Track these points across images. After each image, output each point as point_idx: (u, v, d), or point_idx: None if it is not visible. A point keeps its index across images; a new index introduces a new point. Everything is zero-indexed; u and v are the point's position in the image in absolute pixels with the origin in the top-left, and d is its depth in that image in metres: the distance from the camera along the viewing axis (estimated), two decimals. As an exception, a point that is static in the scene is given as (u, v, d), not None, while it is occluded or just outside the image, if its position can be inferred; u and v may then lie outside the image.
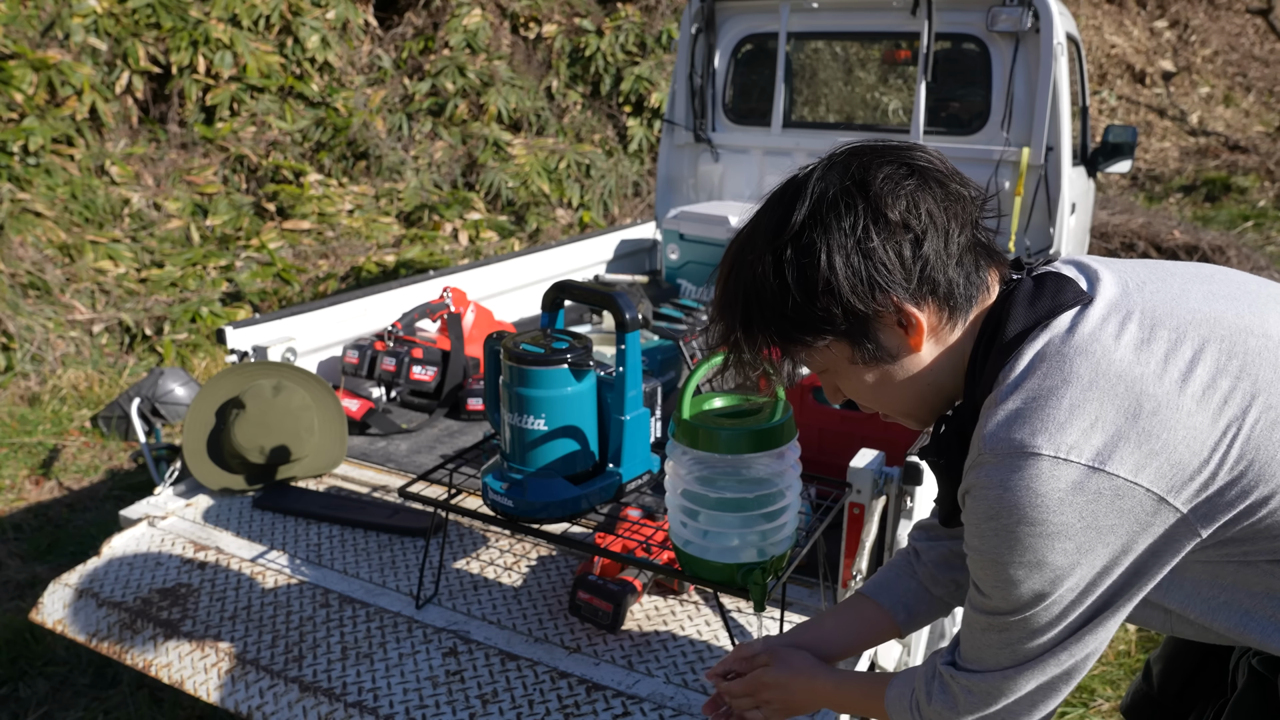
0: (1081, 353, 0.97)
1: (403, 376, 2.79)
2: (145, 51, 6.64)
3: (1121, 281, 1.05)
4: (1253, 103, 10.35)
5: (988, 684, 1.09)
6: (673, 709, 1.55)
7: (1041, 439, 0.94)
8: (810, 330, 1.06)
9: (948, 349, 1.09)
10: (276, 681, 1.66)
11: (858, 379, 1.12)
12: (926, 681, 1.17)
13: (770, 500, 1.44)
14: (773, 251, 1.05)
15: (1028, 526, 0.95)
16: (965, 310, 1.07)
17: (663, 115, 5.02)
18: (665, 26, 8.37)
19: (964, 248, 1.05)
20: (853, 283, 1.02)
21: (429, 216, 7.07)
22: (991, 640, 1.07)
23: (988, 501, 0.97)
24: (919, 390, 1.11)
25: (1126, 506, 0.94)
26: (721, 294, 1.13)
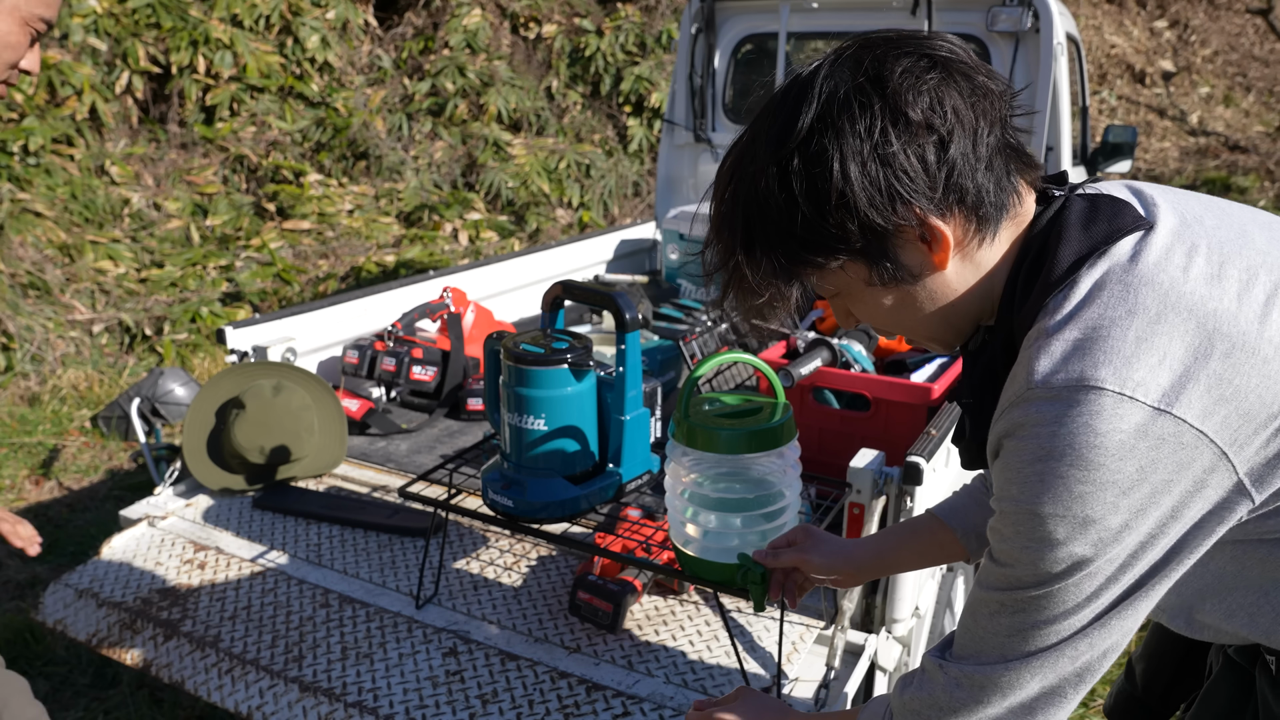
0: (1147, 283, 0.87)
1: (403, 376, 2.79)
2: (145, 51, 6.64)
3: (1179, 211, 0.94)
4: (1253, 103, 10.35)
5: (983, 676, 0.94)
6: (673, 709, 1.54)
7: (1105, 372, 0.83)
8: (822, 250, 0.94)
9: (976, 267, 0.97)
10: (276, 681, 1.66)
11: (874, 303, 0.99)
12: (901, 685, 1.05)
13: (770, 500, 1.44)
14: (777, 162, 0.92)
15: (1081, 472, 0.82)
16: (995, 222, 0.95)
17: (663, 115, 5.02)
18: (665, 26, 8.37)
19: (994, 149, 0.92)
20: (870, 194, 0.90)
21: (429, 216, 7.07)
22: (1000, 626, 0.93)
23: (1037, 441, 0.85)
24: (943, 313, 0.99)
25: (1185, 459, 0.83)
26: (719, 211, 1.01)
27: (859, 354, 2.39)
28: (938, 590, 1.98)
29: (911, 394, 2.19)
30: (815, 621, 1.78)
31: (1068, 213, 0.94)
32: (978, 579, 0.97)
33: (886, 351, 2.60)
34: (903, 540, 1.37)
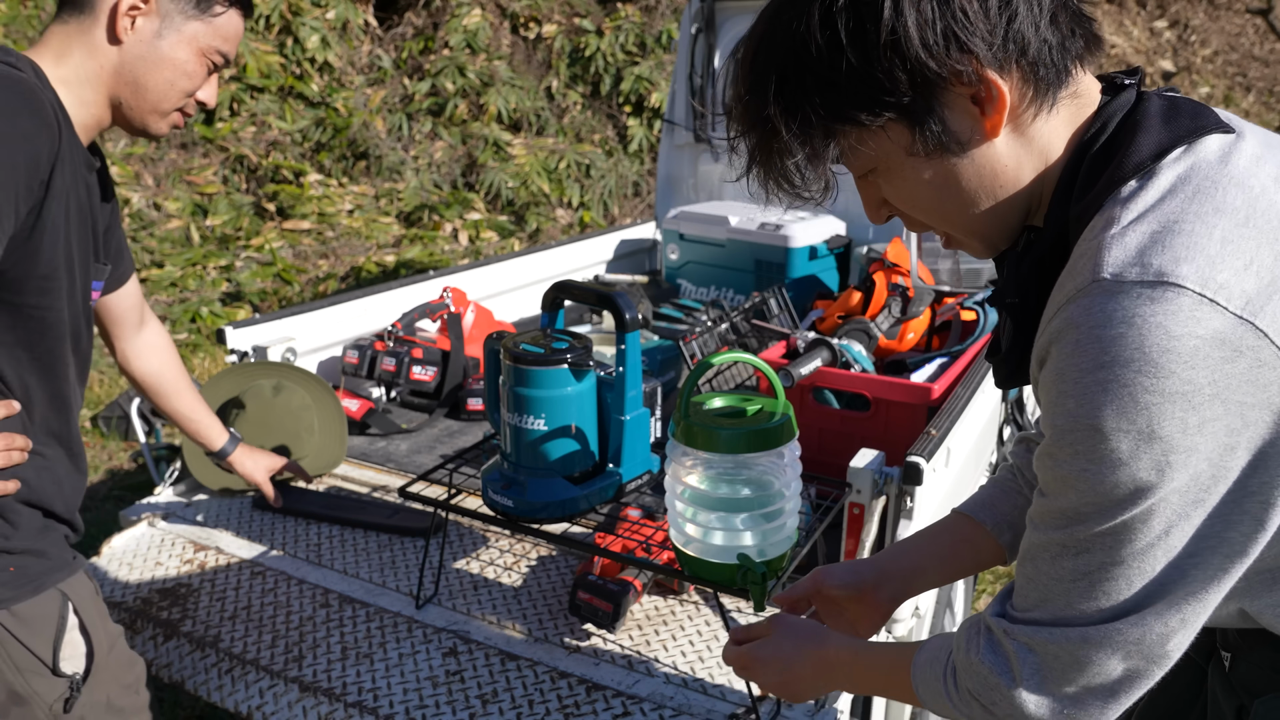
0: (1237, 184, 0.80)
1: (403, 376, 2.79)
2: (145, 51, 6.64)
3: (1260, 132, 0.88)
4: (1253, 103, 10.35)
5: (1058, 645, 0.83)
6: (673, 709, 1.54)
7: (1187, 269, 0.74)
8: (865, 103, 0.83)
9: (1030, 144, 0.87)
10: (276, 681, 1.66)
11: (914, 179, 0.88)
12: (968, 639, 0.93)
13: (770, 500, 1.44)
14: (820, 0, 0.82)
15: (1149, 379, 0.73)
16: (1055, 90, 0.85)
17: (663, 115, 5.02)
18: (665, 26, 8.37)
19: (1058, 4, 0.83)
20: (924, 35, 0.80)
21: (429, 216, 7.07)
22: (1063, 571, 0.83)
23: (1100, 345, 0.75)
24: (990, 197, 0.89)
25: (1263, 380, 0.75)
26: (750, 63, 0.89)
27: (859, 354, 2.39)
28: (937, 590, 1.98)
29: (911, 394, 2.19)
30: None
31: (1146, 104, 0.86)
32: (1031, 522, 0.87)
33: (886, 351, 2.60)
34: (928, 544, 1.25)
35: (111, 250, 1.49)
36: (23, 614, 1.25)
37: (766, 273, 3.60)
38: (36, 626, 1.26)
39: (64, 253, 1.24)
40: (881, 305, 2.70)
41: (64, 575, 1.32)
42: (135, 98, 1.31)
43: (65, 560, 1.33)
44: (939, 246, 3.10)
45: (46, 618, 1.27)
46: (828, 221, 3.72)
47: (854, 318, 2.65)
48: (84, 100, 1.29)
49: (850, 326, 2.57)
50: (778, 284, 3.21)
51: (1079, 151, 0.87)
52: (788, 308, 3.08)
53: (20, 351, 1.24)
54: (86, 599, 1.34)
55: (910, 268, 2.77)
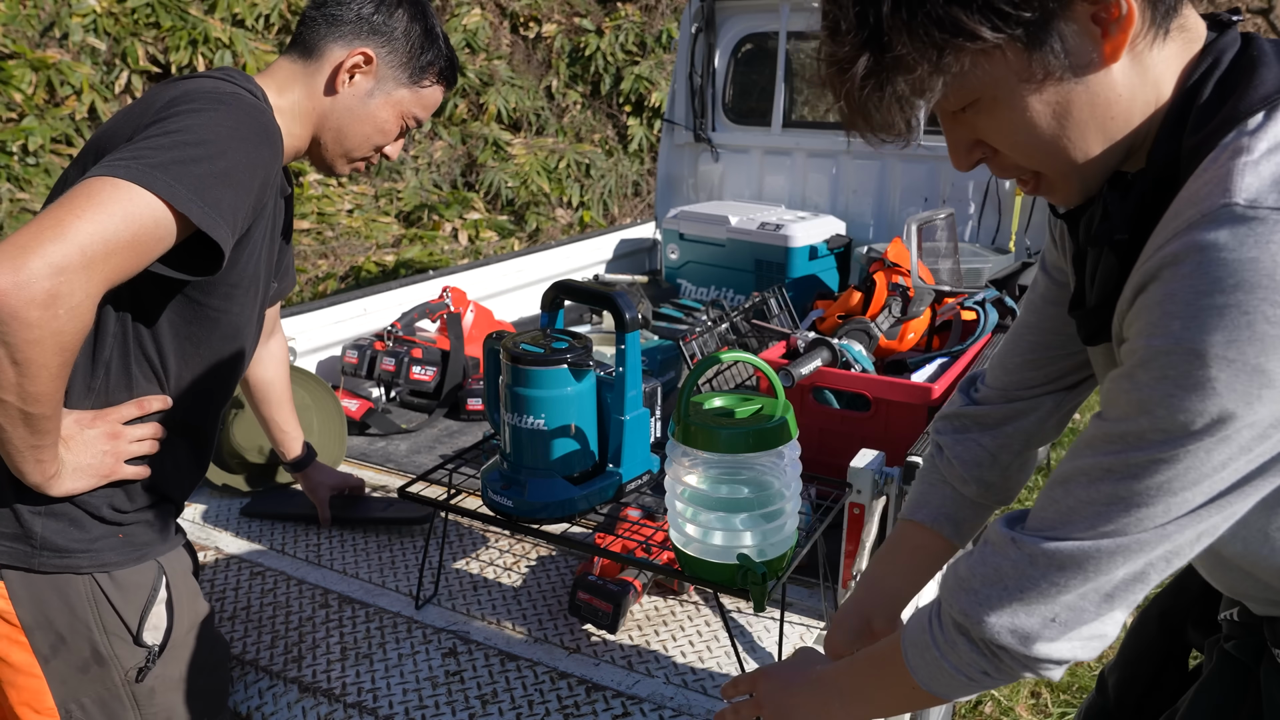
0: None
1: (402, 376, 2.79)
2: (144, 51, 6.64)
3: None
4: (1253, 102, 10.35)
5: (1064, 554, 0.82)
6: (673, 709, 1.54)
7: None
8: (990, 16, 0.78)
9: (1144, 73, 0.83)
10: (276, 682, 1.65)
11: (1021, 109, 0.83)
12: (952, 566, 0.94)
13: (770, 500, 1.44)
14: None
15: (1273, 308, 0.70)
16: (1170, 18, 0.83)
17: (663, 115, 5.02)
18: (665, 26, 8.37)
19: None
20: None
21: (429, 216, 7.07)
22: (1100, 494, 0.81)
23: (1225, 267, 0.72)
24: (1100, 130, 0.84)
25: None
26: None
27: (859, 354, 2.39)
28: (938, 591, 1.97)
29: (911, 394, 2.18)
30: (815, 621, 1.78)
31: (1257, 42, 0.84)
32: (1076, 449, 0.84)
33: (887, 351, 2.60)
34: (889, 564, 1.30)
35: (282, 268, 1.61)
36: (121, 580, 1.31)
37: (766, 273, 3.60)
38: (130, 593, 1.32)
39: (254, 266, 1.33)
40: (882, 305, 2.70)
41: (166, 548, 1.38)
42: (334, 142, 1.44)
43: (170, 534, 1.40)
44: (939, 246, 3.10)
45: (140, 586, 1.33)
46: (828, 221, 3.72)
47: (854, 318, 2.65)
48: (292, 133, 1.40)
49: (850, 326, 2.57)
50: (778, 284, 3.21)
51: (1192, 87, 0.83)
52: (788, 308, 3.07)
53: (189, 346, 1.32)
54: (180, 575, 1.40)
55: (910, 268, 2.77)
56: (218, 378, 1.39)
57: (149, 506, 1.35)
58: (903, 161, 3.82)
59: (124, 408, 1.28)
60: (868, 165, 3.91)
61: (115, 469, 1.27)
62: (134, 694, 1.34)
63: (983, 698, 2.64)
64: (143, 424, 1.30)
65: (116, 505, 1.30)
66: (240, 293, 1.32)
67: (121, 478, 1.29)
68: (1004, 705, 2.61)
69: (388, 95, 1.45)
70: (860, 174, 3.92)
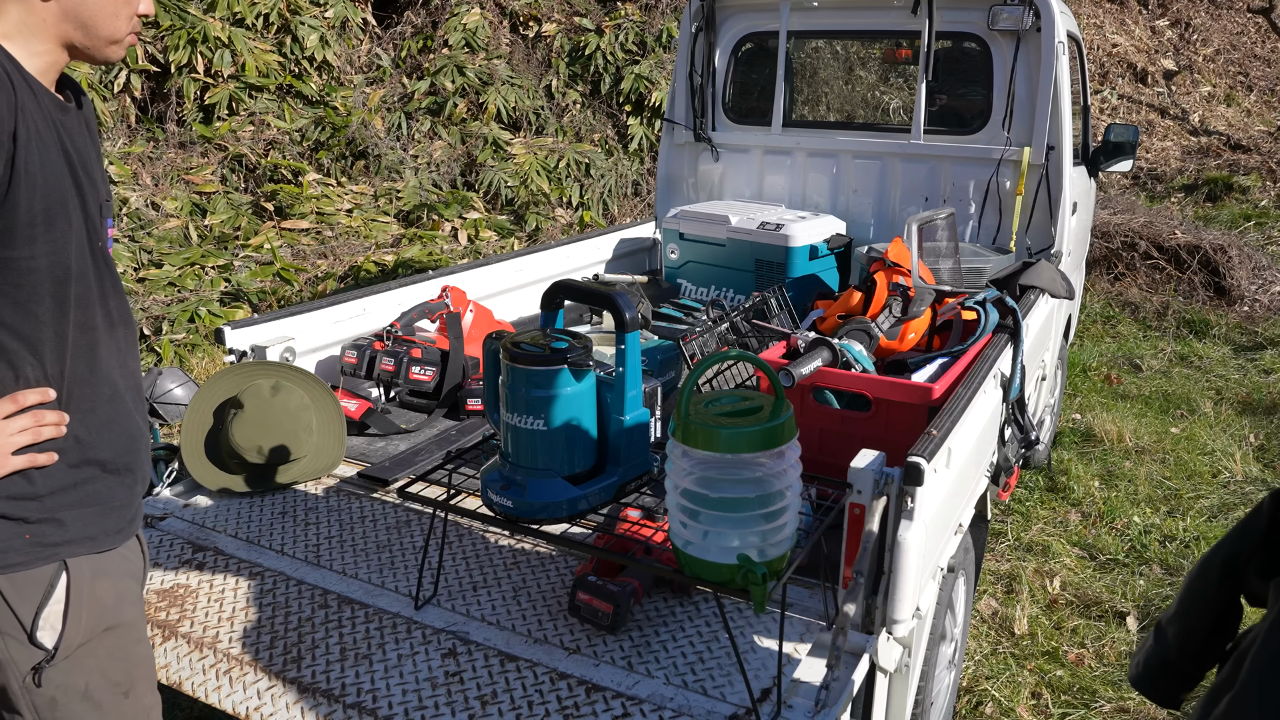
0: None
1: (402, 376, 2.78)
2: (143, 50, 6.63)
3: None
4: (1254, 102, 10.34)
5: None
6: (673, 710, 1.54)
7: None
8: None
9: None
10: (275, 682, 1.65)
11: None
12: None
13: (770, 500, 1.43)
14: None
15: None
16: None
17: (663, 114, 5.01)
18: (665, 25, 8.36)
19: None
20: None
21: (428, 216, 7.07)
22: None
23: None
24: None
25: None
26: None
27: (859, 354, 2.38)
28: (938, 591, 1.97)
29: (911, 394, 2.18)
30: (816, 622, 1.77)
31: None
32: None
33: (887, 351, 2.59)
34: None
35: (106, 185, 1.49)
36: (17, 580, 1.26)
37: (766, 273, 3.60)
38: (24, 589, 1.27)
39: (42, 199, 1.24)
40: (882, 305, 2.69)
41: (78, 549, 1.31)
42: (87, 37, 1.32)
43: (88, 534, 1.32)
44: (940, 246, 3.10)
45: (36, 583, 1.28)
46: (828, 221, 3.71)
47: (854, 318, 2.64)
48: (33, 51, 1.29)
49: (850, 326, 2.56)
50: (778, 284, 3.20)
51: None
52: (788, 308, 3.07)
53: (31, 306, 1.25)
54: (86, 578, 1.32)
55: (911, 268, 2.77)
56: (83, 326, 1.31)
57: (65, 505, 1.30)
58: (903, 161, 3.81)
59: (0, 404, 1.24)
60: (868, 165, 3.90)
61: (2, 462, 1.23)
62: (34, 704, 1.30)
63: (983, 698, 2.64)
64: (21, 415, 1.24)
65: (18, 504, 1.26)
66: (41, 229, 1.23)
67: (13, 469, 1.24)
68: (1004, 705, 2.61)
69: None
70: (860, 174, 3.92)
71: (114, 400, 1.36)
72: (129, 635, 1.39)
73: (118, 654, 1.37)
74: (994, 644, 2.88)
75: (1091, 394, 5.00)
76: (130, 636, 1.40)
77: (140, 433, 1.42)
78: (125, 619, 1.38)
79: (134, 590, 1.41)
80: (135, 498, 1.41)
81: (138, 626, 1.42)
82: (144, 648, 1.44)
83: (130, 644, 1.40)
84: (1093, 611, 3.05)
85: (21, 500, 1.26)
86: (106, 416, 1.35)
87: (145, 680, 1.44)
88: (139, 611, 1.42)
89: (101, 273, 1.34)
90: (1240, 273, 6.41)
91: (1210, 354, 5.62)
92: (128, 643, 1.39)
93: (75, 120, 1.34)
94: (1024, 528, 3.55)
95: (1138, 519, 3.61)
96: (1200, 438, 4.36)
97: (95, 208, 1.34)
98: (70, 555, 1.30)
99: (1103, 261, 6.77)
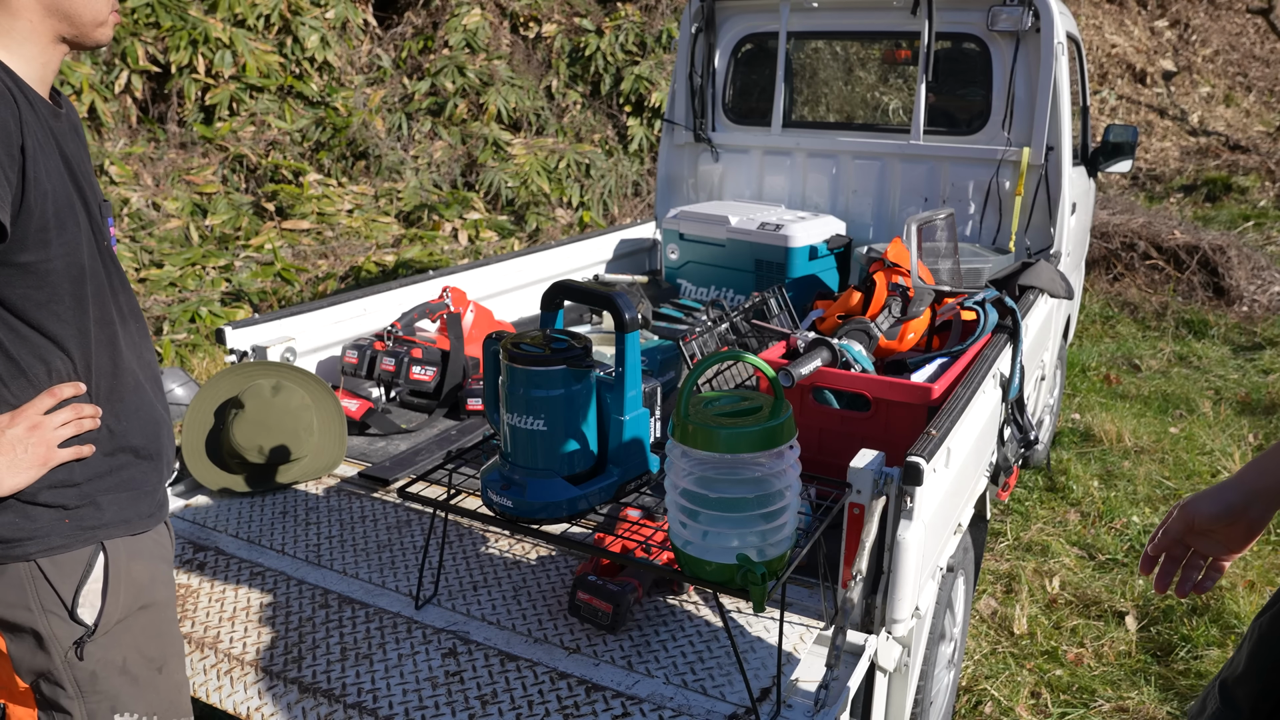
0: None
1: (402, 376, 2.79)
2: (144, 51, 6.64)
3: None
4: (1253, 102, 10.34)
5: None
6: (673, 709, 1.54)
7: None
8: None
9: None
10: (276, 682, 1.65)
11: None
12: None
13: (770, 500, 1.44)
14: None
15: None
16: None
17: (663, 115, 5.02)
18: (665, 26, 8.37)
19: None
20: None
21: (429, 216, 7.07)
22: None
23: None
24: None
25: None
26: None
27: (859, 354, 2.38)
28: (938, 590, 1.97)
29: (911, 394, 2.18)
30: (815, 621, 1.78)
31: None
32: None
33: (886, 351, 2.60)
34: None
35: None
36: (59, 561, 1.32)
37: (766, 273, 3.60)
38: (65, 569, 1.33)
39: (52, 202, 1.28)
40: (881, 305, 2.70)
41: (122, 531, 1.38)
42: (73, 26, 1.35)
43: (123, 517, 1.38)
44: (939, 246, 3.10)
45: (76, 562, 1.34)
46: (828, 221, 3.72)
47: (854, 318, 2.64)
48: (26, 56, 1.32)
49: (850, 326, 2.56)
50: (778, 284, 3.21)
51: None
52: (788, 308, 3.07)
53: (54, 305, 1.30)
54: (122, 559, 1.38)
55: (910, 268, 2.77)
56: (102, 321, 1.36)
57: (102, 490, 1.36)
58: (903, 161, 3.82)
59: (37, 401, 1.29)
60: (868, 165, 3.91)
61: (50, 455, 1.29)
62: (76, 678, 1.35)
63: (982, 697, 2.64)
64: (63, 409, 1.31)
65: (59, 491, 1.32)
66: (54, 233, 1.28)
67: (61, 461, 1.31)
68: (1004, 705, 2.61)
69: None
70: (860, 174, 3.92)
71: (137, 389, 1.42)
72: (162, 614, 1.45)
73: (152, 631, 1.43)
74: (993, 643, 2.89)
75: (1090, 394, 5.01)
76: (163, 615, 1.46)
77: (162, 419, 1.47)
78: (159, 598, 1.44)
79: (165, 572, 1.46)
80: (163, 482, 1.48)
81: (170, 606, 1.47)
82: (175, 627, 1.50)
83: (163, 622, 1.46)
84: (1092, 611, 3.05)
85: (62, 488, 1.32)
86: (133, 405, 1.41)
87: (176, 658, 1.50)
88: (171, 592, 1.48)
89: (109, 270, 1.39)
90: (1239, 273, 6.42)
91: (1209, 354, 5.62)
92: (161, 621, 1.45)
93: (66, 125, 1.38)
94: (1023, 527, 3.56)
95: (1137, 519, 3.62)
96: (1199, 438, 4.36)
97: (96, 208, 1.38)
98: (107, 537, 1.36)
99: (1102, 262, 6.78)
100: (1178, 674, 2.74)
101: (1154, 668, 2.78)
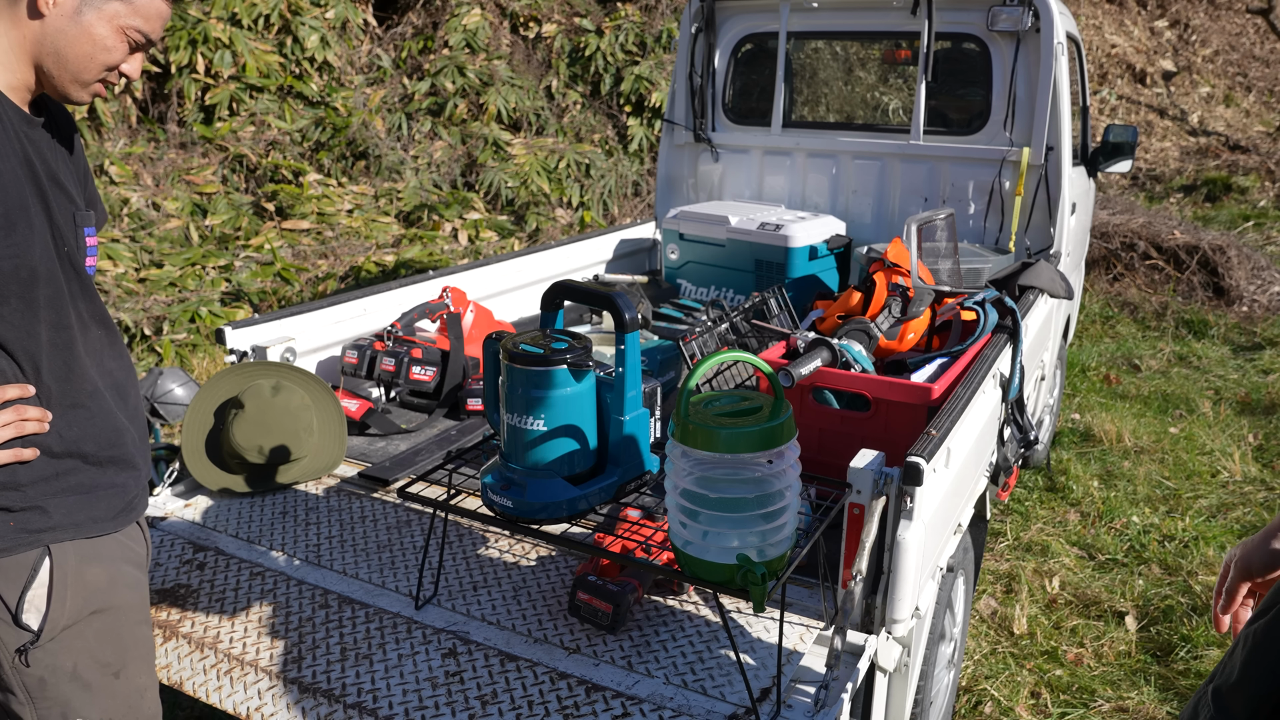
0: None
1: (402, 376, 2.79)
2: (145, 51, 6.63)
3: None
4: (1253, 102, 10.35)
5: None
6: (673, 709, 1.54)
7: None
8: None
9: None
10: (276, 682, 1.65)
11: None
12: None
13: (770, 500, 1.44)
14: None
15: None
16: None
17: (663, 115, 5.01)
18: (665, 26, 8.37)
19: None
20: None
21: (428, 216, 7.07)
22: None
23: None
24: None
25: None
26: None
27: (859, 354, 2.38)
28: (938, 590, 1.97)
29: (911, 394, 2.18)
30: (815, 622, 1.78)
31: None
32: None
33: (886, 351, 2.60)
34: None
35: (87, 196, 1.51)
36: (2, 564, 1.31)
37: (766, 273, 3.60)
38: (10, 575, 1.31)
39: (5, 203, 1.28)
40: (881, 305, 2.70)
41: (62, 535, 1.35)
42: (56, 68, 1.36)
43: (72, 521, 1.36)
44: (939, 246, 3.10)
45: (20, 565, 1.32)
46: (828, 221, 3.72)
47: (854, 318, 2.64)
48: (9, 67, 1.34)
49: (850, 326, 2.56)
50: (778, 284, 3.21)
51: None
52: (788, 308, 3.07)
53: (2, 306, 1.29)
54: (70, 563, 1.36)
55: (910, 268, 2.77)
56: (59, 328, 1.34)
57: (49, 494, 1.34)
58: (903, 161, 3.82)
59: None
60: (868, 165, 3.91)
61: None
62: (25, 683, 1.34)
63: (982, 697, 2.64)
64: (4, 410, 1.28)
65: (2, 494, 1.30)
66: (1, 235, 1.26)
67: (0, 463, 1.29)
68: (1004, 705, 2.61)
69: (98, 10, 1.35)
70: (860, 174, 3.92)
71: (94, 396, 1.40)
72: (124, 618, 1.43)
73: (108, 636, 1.41)
74: (993, 643, 2.89)
75: (1090, 394, 5.01)
76: (125, 619, 1.43)
77: (124, 427, 1.45)
78: (118, 602, 1.42)
79: (132, 575, 1.44)
80: (129, 487, 1.45)
81: (136, 610, 1.45)
82: (142, 630, 1.47)
83: (125, 627, 1.43)
84: (1092, 611, 3.05)
85: (5, 490, 1.31)
86: (89, 412, 1.39)
87: (139, 661, 1.47)
88: (139, 596, 1.45)
89: (69, 276, 1.38)
90: (1239, 273, 6.42)
91: (1209, 354, 5.62)
92: (121, 625, 1.42)
93: (43, 134, 1.39)
94: (1023, 527, 3.56)
95: (1136, 519, 3.62)
96: (1199, 438, 4.36)
97: (65, 216, 1.38)
98: (54, 541, 1.35)
99: (1102, 262, 6.78)
100: (1178, 674, 2.74)
101: (1154, 668, 2.78)
